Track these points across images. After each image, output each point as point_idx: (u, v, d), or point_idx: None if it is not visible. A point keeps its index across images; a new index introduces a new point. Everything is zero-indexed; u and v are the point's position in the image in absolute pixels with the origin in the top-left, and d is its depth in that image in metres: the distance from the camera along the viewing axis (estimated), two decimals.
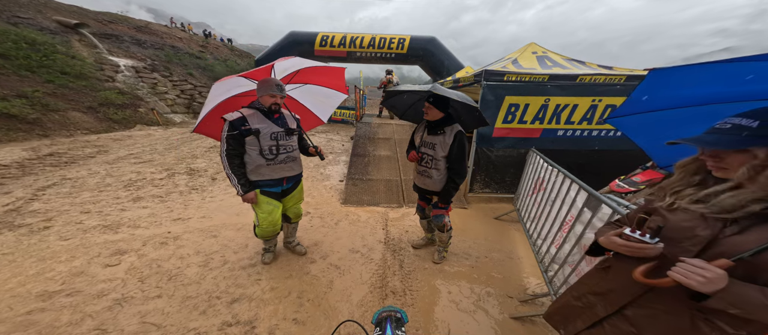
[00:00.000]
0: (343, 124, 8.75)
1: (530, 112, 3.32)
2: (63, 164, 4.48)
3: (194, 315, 1.68)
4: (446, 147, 1.89)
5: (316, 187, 4.07)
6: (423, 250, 2.58)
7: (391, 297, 2.00)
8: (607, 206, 1.39)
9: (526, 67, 3.56)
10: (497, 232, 3.02)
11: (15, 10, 8.89)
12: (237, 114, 1.69)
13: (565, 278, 1.62)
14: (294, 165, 1.98)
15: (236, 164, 1.73)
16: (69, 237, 2.51)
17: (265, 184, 1.85)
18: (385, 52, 9.84)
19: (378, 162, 4.73)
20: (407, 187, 4.00)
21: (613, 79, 3.16)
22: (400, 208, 3.53)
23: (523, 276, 2.29)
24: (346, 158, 5.43)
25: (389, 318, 0.76)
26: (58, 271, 2.02)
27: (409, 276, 2.21)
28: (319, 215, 3.18)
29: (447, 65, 9.56)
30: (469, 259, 2.48)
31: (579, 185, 1.75)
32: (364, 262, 2.38)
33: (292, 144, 1.94)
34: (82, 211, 3.03)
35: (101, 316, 1.62)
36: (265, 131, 1.75)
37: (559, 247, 1.80)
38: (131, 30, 11.98)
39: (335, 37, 9.76)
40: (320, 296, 1.95)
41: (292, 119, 1.97)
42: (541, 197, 2.34)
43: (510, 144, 3.51)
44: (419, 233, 2.86)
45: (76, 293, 1.80)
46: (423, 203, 2.33)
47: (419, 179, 2.13)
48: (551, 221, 2.03)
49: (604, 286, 0.87)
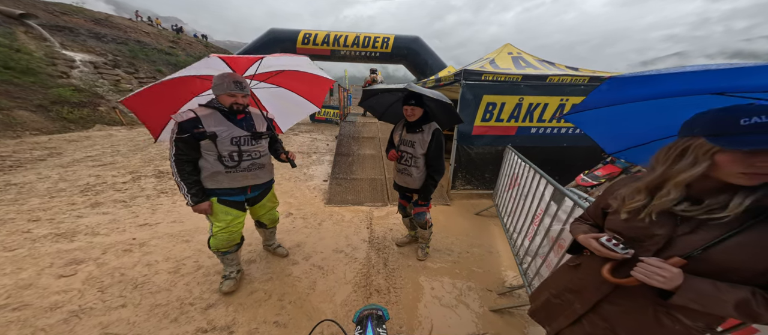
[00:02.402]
0: (328, 123, 8.67)
1: (506, 110, 3.50)
2: (7, 168, 4.06)
3: (164, 322, 1.60)
4: (425, 145, 1.95)
5: (299, 187, 4.00)
6: (407, 247, 2.62)
7: (375, 295, 2.01)
8: (569, 199, 1.50)
9: (502, 67, 3.75)
10: (478, 227, 3.13)
11: None
12: (189, 114, 1.46)
13: (537, 269, 1.72)
14: (261, 173, 1.77)
15: (187, 171, 1.52)
16: (15, 248, 2.28)
17: (223, 193, 1.64)
18: (370, 51, 9.88)
19: (362, 161, 4.74)
20: (391, 185, 4.03)
21: (578, 80, 3.41)
22: (384, 206, 3.56)
23: (501, 269, 2.39)
24: (330, 157, 5.38)
25: (370, 316, 0.77)
26: (2, 284, 1.83)
27: (394, 274, 2.24)
28: (302, 216, 3.13)
29: (430, 65, 9.78)
30: (451, 255, 2.55)
31: (547, 180, 1.87)
32: (348, 262, 2.38)
33: (260, 149, 1.72)
34: (30, 219, 2.77)
35: (55, 329, 1.48)
36: (225, 135, 1.53)
37: (531, 239, 1.91)
38: (88, 23, 11.13)
39: (318, 35, 9.65)
40: (303, 297, 1.93)
41: (262, 121, 1.76)
42: (516, 192, 2.46)
43: (488, 142, 3.68)
44: (403, 231, 2.90)
45: (24, 307, 1.64)
46: (404, 202, 2.38)
47: (400, 178, 2.17)
48: (525, 215, 2.14)
49: (578, 283, 0.92)
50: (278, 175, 4.41)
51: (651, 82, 0.78)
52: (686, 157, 0.68)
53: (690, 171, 0.66)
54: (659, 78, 0.74)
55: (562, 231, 1.51)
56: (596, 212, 0.96)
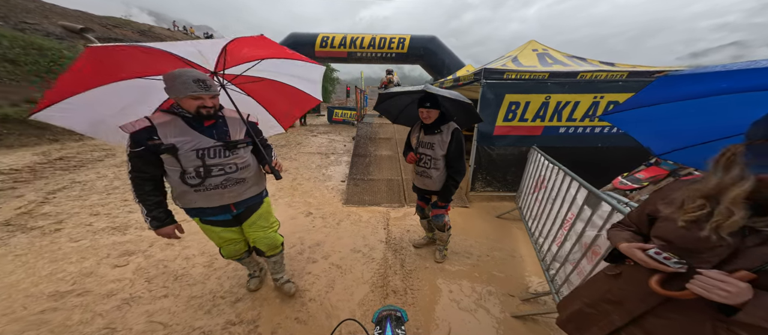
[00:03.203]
0: (345, 124, 8.80)
1: (531, 110, 3.31)
2: (72, 168, 4.59)
3: (199, 314, 1.72)
4: (445, 146, 1.90)
5: (318, 187, 4.10)
6: (424, 249, 2.59)
7: (392, 296, 2.01)
8: (607, 204, 1.39)
9: (526, 65, 3.55)
10: (499, 231, 3.02)
11: (22, 16, 9.10)
12: (142, 122, 1.18)
13: (566, 276, 1.62)
14: (241, 188, 1.42)
15: (147, 190, 1.26)
16: (79, 239, 2.57)
17: (203, 212, 1.40)
18: (386, 52, 9.83)
19: (379, 162, 4.75)
20: (408, 186, 4.01)
21: (614, 76, 3.13)
22: (401, 207, 3.54)
23: (525, 274, 2.29)
24: (347, 158, 5.46)
25: (389, 317, 0.77)
26: (69, 272, 2.08)
27: (410, 275, 2.23)
28: (321, 216, 3.21)
29: (448, 64, 9.53)
30: (470, 258, 2.49)
31: (579, 183, 1.74)
32: (365, 261, 2.40)
33: (236, 161, 1.37)
34: (91, 213, 3.10)
35: (110, 315, 1.67)
36: (186, 147, 1.23)
37: (560, 245, 1.80)
38: (135, 34, 12.18)
39: (335, 37, 9.77)
40: (322, 295, 1.98)
41: (239, 126, 1.41)
42: (542, 195, 2.33)
43: (511, 142, 3.51)
44: (420, 232, 2.87)
45: (86, 293, 1.85)
46: (422, 204, 2.34)
47: (418, 180, 2.13)
48: (552, 219, 2.02)
49: (618, 294, 0.85)
50: (299, 176, 4.55)
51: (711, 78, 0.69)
52: (733, 168, 0.60)
53: (739, 186, 0.58)
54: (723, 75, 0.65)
55: (597, 238, 1.42)
56: (641, 218, 0.88)
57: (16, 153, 4.94)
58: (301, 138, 6.91)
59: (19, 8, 9.22)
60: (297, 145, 6.36)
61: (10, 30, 7.97)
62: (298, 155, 5.68)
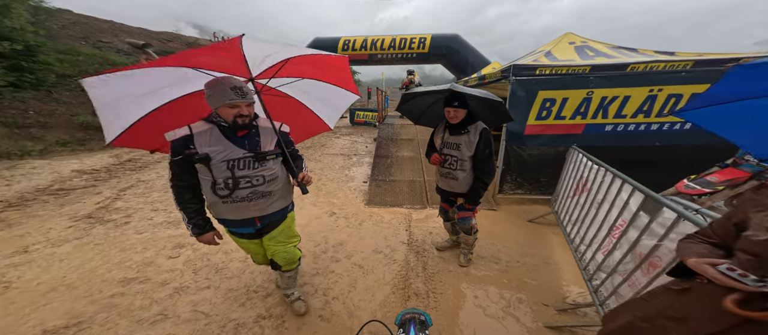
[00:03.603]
0: (366, 126, 8.86)
1: (569, 106, 3.02)
2: (138, 169, 5.26)
3: (235, 306, 1.85)
4: (472, 146, 1.81)
5: (341, 188, 4.19)
6: (447, 252, 2.51)
7: (414, 298, 1.98)
8: (671, 210, 1.20)
9: (562, 59, 3.24)
10: (531, 236, 2.82)
11: (98, 35, 10.60)
12: (183, 131, 1.19)
13: (614, 288, 1.46)
14: (267, 202, 1.36)
15: (187, 198, 1.27)
16: (143, 231, 2.93)
17: (229, 224, 1.38)
18: (406, 53, 9.73)
19: (401, 163, 4.71)
20: (431, 188, 3.92)
21: (675, 66, 2.72)
22: (423, 209, 3.47)
23: (561, 283, 2.11)
24: (369, 159, 5.50)
25: (413, 320, 0.75)
26: (135, 261, 2.38)
27: (433, 278, 2.17)
28: (344, 216, 3.27)
29: (471, 62, 9.12)
30: (498, 263, 2.36)
31: (633, 186, 1.54)
32: (387, 263, 2.39)
33: (264, 174, 1.32)
34: (152, 209, 3.51)
35: (164, 303, 1.87)
36: (218, 157, 1.21)
37: (607, 254, 1.62)
38: (183, 46, 13.57)
39: (356, 40, 9.91)
40: (344, 294, 2.01)
41: (270, 136, 1.36)
42: (584, 198, 2.12)
43: (546, 142, 3.23)
44: (443, 235, 2.79)
45: (146, 280, 2.11)
46: (446, 206, 2.26)
47: (443, 182, 2.06)
48: (598, 226, 1.82)
49: (682, 310, 0.76)
50: (323, 176, 4.70)
51: None
52: None
53: None
54: None
55: (657, 248, 1.25)
56: (726, 229, 0.77)
57: (96, 156, 5.80)
58: (325, 140, 7.12)
59: (96, 28, 10.77)
60: (321, 146, 6.56)
61: (90, 48, 9.33)
62: (322, 156, 5.87)
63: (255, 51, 1.32)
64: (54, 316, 1.70)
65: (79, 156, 5.70)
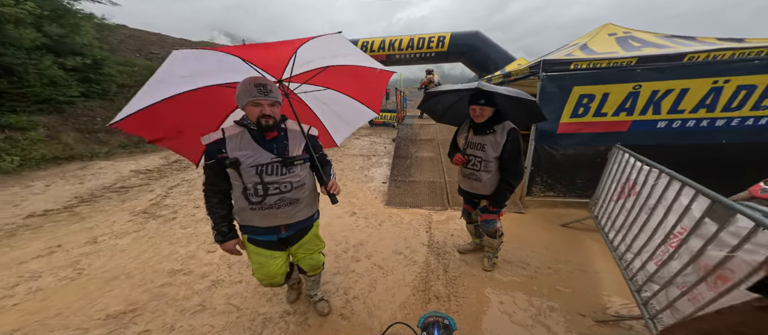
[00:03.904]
0: (385, 126, 8.86)
1: (612, 102, 2.75)
2: (182, 169, 5.77)
3: (263, 301, 1.94)
4: (498, 147, 1.72)
5: (361, 189, 4.23)
6: (470, 255, 2.42)
7: (434, 301, 1.93)
8: (747, 218, 1.04)
9: (601, 51, 2.96)
10: (565, 241, 2.63)
11: (149, 47, 11.75)
12: (216, 134, 1.18)
13: (670, 302, 1.31)
14: (294, 210, 1.31)
15: (214, 203, 1.25)
16: (187, 227, 3.21)
17: (252, 231, 1.32)
18: (425, 52, 9.50)
19: (420, 164, 4.63)
20: (452, 189, 3.80)
21: (746, 54, 2.36)
22: (444, 211, 3.39)
23: (601, 293, 1.95)
24: (388, 160, 5.49)
25: (436, 324, 0.73)
26: (180, 254, 2.61)
27: (455, 282, 2.11)
28: (364, 216, 3.29)
29: (494, 59, 8.67)
30: (526, 269, 2.23)
31: (696, 189, 1.36)
32: (407, 264, 2.37)
33: (292, 180, 1.26)
34: (194, 206, 3.83)
35: (203, 294, 2.03)
36: (247, 162, 1.17)
37: (661, 264, 1.45)
38: None
39: (374, 42, 9.88)
40: (365, 294, 2.02)
41: (299, 140, 1.31)
42: (632, 202, 1.91)
43: (583, 141, 2.98)
44: (465, 237, 2.69)
45: (189, 273, 2.30)
46: (469, 208, 2.18)
47: (466, 183, 1.98)
48: (649, 233, 1.64)
49: (762, 329, 0.66)
50: (344, 177, 4.77)
51: None
52: None
53: None
54: None
55: (728, 259, 1.10)
56: None
57: (149, 157, 6.47)
58: (345, 141, 7.21)
59: (147, 41, 11.97)
60: (341, 147, 6.69)
61: (143, 60, 10.38)
62: (342, 157, 5.98)
63: (306, 54, 1.24)
64: (115, 302, 1.93)
65: (135, 157, 6.42)
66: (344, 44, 1.40)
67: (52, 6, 6.67)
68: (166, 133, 1.29)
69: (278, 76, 1.33)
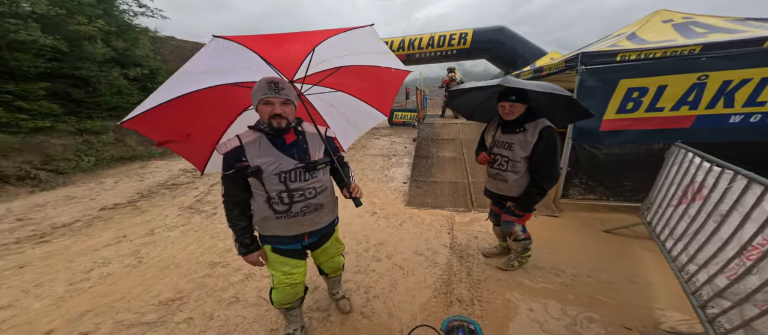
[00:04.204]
0: (405, 126, 8.74)
1: (670, 95, 2.44)
2: None
3: None
4: (528, 146, 1.59)
5: (381, 188, 4.22)
6: (495, 259, 2.30)
7: (456, 304, 1.87)
8: None
9: (654, 40, 2.63)
10: (609, 248, 2.39)
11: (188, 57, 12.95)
12: (233, 142, 1.10)
13: (745, 321, 1.13)
14: (318, 216, 1.26)
15: (235, 215, 1.17)
16: (225, 222, 3.47)
17: (275, 241, 1.25)
18: (446, 50, 9.18)
19: (442, 164, 4.49)
20: (476, 190, 3.64)
21: None
22: (467, 212, 3.26)
23: (653, 305, 1.74)
24: (408, 160, 5.41)
25: (461, 328, 0.70)
26: (219, 247, 2.83)
27: (479, 285, 2.02)
28: (385, 216, 3.28)
29: (522, 54, 8.10)
30: (560, 276, 2.06)
31: None
32: (428, 265, 2.31)
33: (316, 185, 1.20)
34: None
35: (237, 286, 2.17)
36: (270, 169, 1.10)
37: (735, 279, 1.25)
38: None
39: (394, 41, 9.74)
40: (385, 294, 2.00)
41: (318, 143, 1.24)
42: (696, 208, 1.67)
43: (633, 138, 2.68)
44: (491, 240, 2.57)
45: (226, 265, 2.49)
46: (497, 209, 2.06)
47: (492, 183, 1.87)
48: (719, 243, 1.41)
49: None
50: (364, 177, 4.80)
51: None
52: None
53: None
54: None
55: None
56: None
57: None
58: (365, 141, 7.28)
59: (193, 50, 13.20)
60: (362, 147, 6.75)
61: None
62: (363, 157, 6.02)
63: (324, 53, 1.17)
64: (166, 290, 2.15)
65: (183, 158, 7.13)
66: (370, 41, 1.30)
67: (117, 22, 7.65)
68: (174, 135, 1.20)
69: (290, 76, 1.23)
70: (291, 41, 1.07)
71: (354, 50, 1.32)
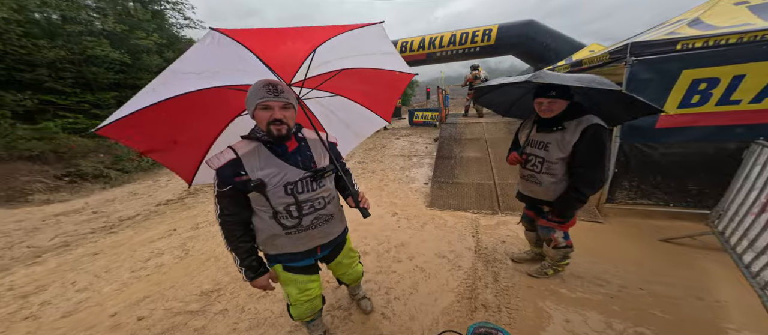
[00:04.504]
0: (426, 126, 8.54)
1: (749, 86, 2.11)
2: None
3: None
4: (566, 147, 1.42)
5: (402, 189, 4.17)
6: (526, 265, 2.14)
7: (482, 310, 1.77)
8: None
9: (724, 25, 2.27)
10: (667, 259, 2.12)
11: None
12: (227, 154, 0.96)
13: None
14: (330, 227, 1.16)
15: (238, 236, 1.03)
16: None
17: (286, 258, 1.14)
18: (469, 48, 8.82)
19: (466, 164, 4.31)
20: (503, 192, 3.42)
21: None
22: (494, 215, 3.08)
23: (724, 325, 1.51)
24: (430, 160, 5.28)
25: None
26: None
27: (507, 292, 1.89)
28: (406, 217, 3.23)
29: (554, 48, 7.48)
30: (604, 286, 1.86)
31: None
32: (451, 269, 2.22)
33: (323, 195, 1.10)
34: None
35: None
36: (275, 181, 0.98)
37: None
38: None
39: (414, 41, 9.57)
40: (406, 295, 1.96)
41: (321, 149, 1.13)
42: None
43: (699, 136, 2.35)
44: (521, 244, 2.40)
45: None
46: (531, 213, 1.89)
47: (524, 185, 1.73)
48: None
49: None
50: (385, 177, 4.77)
51: None
52: None
53: None
54: None
55: None
56: None
57: None
58: (385, 141, 7.26)
59: None
60: (382, 148, 6.72)
61: None
62: (383, 157, 6.00)
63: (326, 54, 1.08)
64: (207, 281, 2.32)
65: None
66: (376, 40, 1.20)
67: (167, 35, 8.66)
68: (159, 143, 1.06)
69: (288, 79, 1.12)
70: (291, 39, 0.96)
71: (358, 51, 1.21)
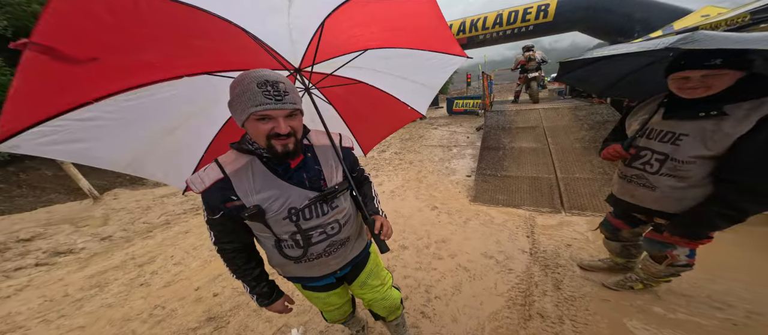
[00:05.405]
0: (466, 115, 7.77)
1: None
2: None
3: None
4: (721, 141, 0.94)
5: (442, 181, 3.89)
6: (600, 275, 1.75)
7: (537, 319, 1.52)
8: None
9: None
10: None
11: None
12: (213, 174, 0.75)
13: None
14: (346, 251, 0.96)
15: (240, 264, 0.87)
16: None
17: (301, 280, 1.00)
18: (519, 27, 7.75)
19: (518, 156, 3.78)
20: (569, 187, 2.89)
21: None
22: (555, 214, 2.63)
23: None
24: (472, 151, 4.82)
25: None
26: None
27: (572, 303, 1.59)
28: (447, 212, 2.98)
29: (641, 18, 5.99)
30: (724, 310, 1.43)
31: None
32: (500, 271, 1.96)
33: (338, 218, 0.88)
34: None
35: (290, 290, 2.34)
36: (276, 208, 0.78)
37: None
38: None
39: (453, 25, 8.63)
40: (448, 295, 1.79)
41: (331, 157, 0.89)
42: None
43: None
44: (590, 250, 1.99)
45: None
46: (618, 222, 1.46)
47: (624, 188, 1.29)
48: None
49: None
50: (423, 168, 4.49)
51: None
52: None
53: None
54: None
55: None
56: None
57: None
58: (423, 131, 6.89)
59: None
60: (419, 138, 6.37)
61: None
62: (421, 148, 5.69)
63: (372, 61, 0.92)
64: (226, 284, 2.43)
65: None
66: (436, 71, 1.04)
67: None
68: (76, 48, 0.58)
69: (291, 67, 0.88)
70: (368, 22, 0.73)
71: (403, 73, 1.02)
